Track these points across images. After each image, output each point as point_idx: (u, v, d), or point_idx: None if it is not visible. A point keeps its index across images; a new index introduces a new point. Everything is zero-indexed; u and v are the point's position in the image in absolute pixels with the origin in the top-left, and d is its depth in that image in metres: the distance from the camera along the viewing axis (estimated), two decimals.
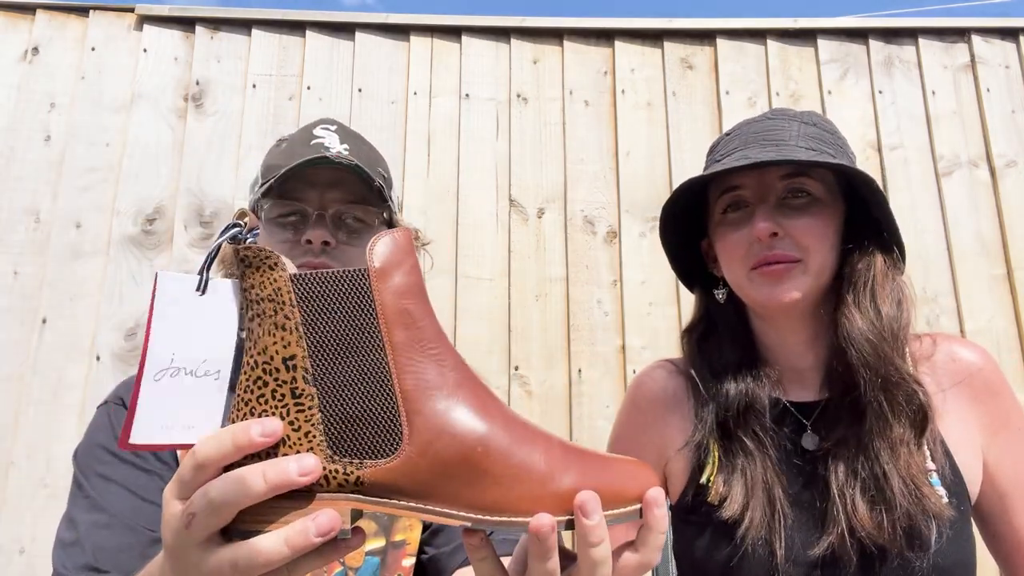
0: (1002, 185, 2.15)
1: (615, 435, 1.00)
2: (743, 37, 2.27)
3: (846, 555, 0.76)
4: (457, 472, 0.46)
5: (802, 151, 0.82)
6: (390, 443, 0.46)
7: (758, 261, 0.83)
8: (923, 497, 0.76)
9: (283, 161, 0.89)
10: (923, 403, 0.79)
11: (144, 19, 2.12)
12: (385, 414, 0.46)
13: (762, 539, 0.79)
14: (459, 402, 0.48)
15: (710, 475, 0.85)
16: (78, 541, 0.77)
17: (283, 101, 2.10)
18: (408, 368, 0.47)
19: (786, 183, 0.84)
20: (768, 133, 0.86)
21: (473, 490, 0.46)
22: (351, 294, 0.47)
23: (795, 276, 0.82)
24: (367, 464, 0.46)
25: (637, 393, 0.99)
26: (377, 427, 0.46)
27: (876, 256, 0.84)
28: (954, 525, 0.77)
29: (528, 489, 0.47)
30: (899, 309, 0.83)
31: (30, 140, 1.99)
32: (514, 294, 2.01)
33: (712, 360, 0.91)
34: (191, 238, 1.96)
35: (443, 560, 0.86)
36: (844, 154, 0.87)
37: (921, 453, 0.79)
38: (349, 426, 0.46)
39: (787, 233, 0.82)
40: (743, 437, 0.84)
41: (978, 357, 0.87)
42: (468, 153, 2.11)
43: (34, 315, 1.87)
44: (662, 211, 0.91)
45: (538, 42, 2.24)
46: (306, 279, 0.47)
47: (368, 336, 0.47)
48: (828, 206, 0.85)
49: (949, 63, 2.28)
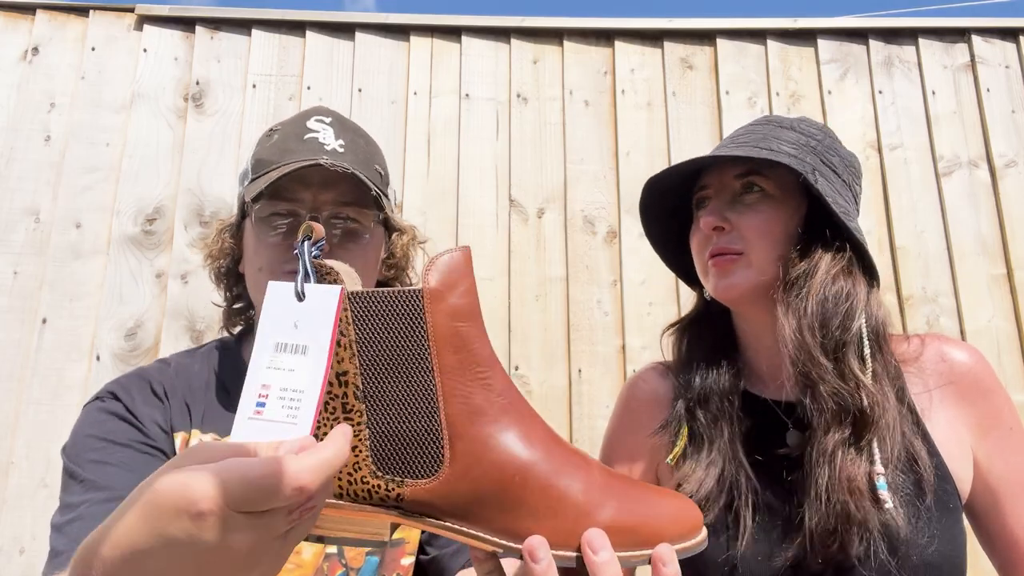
0: (1002, 185, 2.15)
1: (608, 436, 1.01)
2: (743, 37, 2.27)
3: (808, 556, 0.77)
4: (494, 498, 0.47)
5: (756, 151, 0.84)
6: (432, 464, 0.47)
7: (708, 254, 0.87)
8: (855, 503, 0.75)
9: (275, 157, 0.86)
10: (856, 405, 0.78)
11: (144, 19, 2.12)
12: (429, 436, 0.47)
13: (718, 525, 0.80)
14: (503, 429, 0.48)
15: (672, 457, 0.87)
16: (77, 518, 0.73)
17: (283, 101, 2.10)
18: (455, 392, 0.47)
19: (741, 181, 0.87)
20: (741, 136, 0.90)
21: (507, 517, 0.47)
22: (404, 315, 0.48)
23: (738, 268, 0.85)
24: (408, 483, 0.47)
25: (629, 395, 1.00)
26: (420, 448, 0.47)
27: (822, 257, 0.83)
28: (940, 523, 0.77)
29: (562, 523, 0.47)
30: (835, 307, 0.81)
31: (30, 140, 1.99)
32: (514, 294, 2.01)
33: (688, 352, 0.94)
34: (191, 238, 1.96)
35: (445, 561, 0.85)
36: (815, 155, 0.86)
37: (863, 455, 0.78)
38: (394, 445, 0.47)
39: (735, 227, 0.86)
40: (704, 421, 0.86)
41: (968, 357, 0.87)
42: (468, 153, 2.11)
43: (34, 315, 1.87)
44: (640, 210, 0.95)
45: (538, 42, 2.24)
46: (362, 297, 0.48)
47: (418, 358, 0.47)
48: (780, 203, 0.86)
49: (949, 63, 2.28)
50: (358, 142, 0.91)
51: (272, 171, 0.84)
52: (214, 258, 0.95)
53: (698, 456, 0.85)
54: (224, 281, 0.97)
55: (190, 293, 1.92)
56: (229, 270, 0.95)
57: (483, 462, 0.47)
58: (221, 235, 0.95)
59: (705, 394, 0.88)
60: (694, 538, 0.51)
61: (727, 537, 0.81)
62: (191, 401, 0.86)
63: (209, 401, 0.86)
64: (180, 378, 0.88)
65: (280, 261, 0.84)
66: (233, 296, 0.98)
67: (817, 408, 0.79)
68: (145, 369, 0.90)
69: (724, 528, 0.81)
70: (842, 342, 0.81)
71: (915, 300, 2.04)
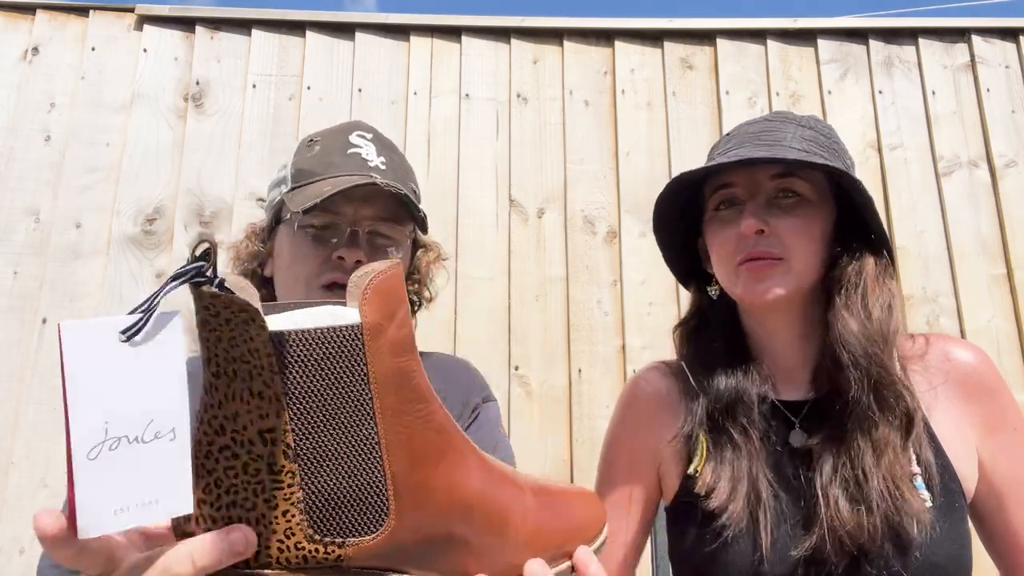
0: (1002, 185, 2.15)
1: (610, 436, 1.00)
2: (743, 37, 2.27)
3: (829, 553, 0.77)
4: (440, 543, 0.45)
5: (793, 151, 0.83)
6: (376, 519, 0.42)
7: (744, 257, 0.84)
8: (904, 500, 0.76)
9: (319, 169, 0.87)
10: (910, 406, 0.79)
11: (144, 19, 2.12)
12: (372, 490, 0.42)
13: (745, 532, 0.80)
14: (445, 471, 0.45)
15: (698, 465, 0.85)
16: None
17: (283, 101, 2.10)
18: (398, 437, 0.43)
19: (776, 183, 0.85)
20: (764, 134, 0.87)
21: (449, 559, 0.46)
22: (341, 356, 0.41)
23: (778, 274, 0.83)
24: (350, 542, 0.42)
25: (631, 394, 1.00)
26: (363, 504, 0.42)
27: (867, 259, 0.84)
28: (946, 522, 0.77)
29: (500, 558, 0.47)
30: (889, 313, 0.83)
31: (30, 140, 1.99)
32: (514, 294, 2.01)
33: (702, 354, 0.92)
34: (191, 238, 1.96)
35: None
36: (839, 158, 0.87)
37: (906, 456, 0.79)
38: (334, 504, 0.41)
39: (773, 231, 0.84)
40: (731, 430, 0.85)
41: (973, 356, 0.87)
42: (468, 153, 2.11)
43: (34, 315, 1.87)
44: (656, 205, 0.92)
45: (538, 42, 2.24)
46: (291, 339, 0.40)
47: (358, 404, 0.41)
48: (816, 207, 0.86)
49: (949, 63, 2.28)
50: (396, 160, 0.93)
51: (316, 182, 0.85)
52: (241, 260, 0.96)
53: (721, 467, 0.84)
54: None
55: (190, 293, 1.91)
56: (255, 272, 0.96)
57: (428, 509, 0.44)
58: (251, 239, 0.95)
59: (731, 402, 0.86)
60: (603, 534, 0.53)
61: (749, 543, 0.80)
62: None
63: None
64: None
65: (316, 274, 0.85)
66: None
67: (866, 405, 0.79)
68: None
69: (748, 534, 0.80)
70: (894, 344, 0.82)
71: (915, 300, 2.04)
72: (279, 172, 0.94)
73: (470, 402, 0.95)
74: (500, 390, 1.91)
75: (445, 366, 0.99)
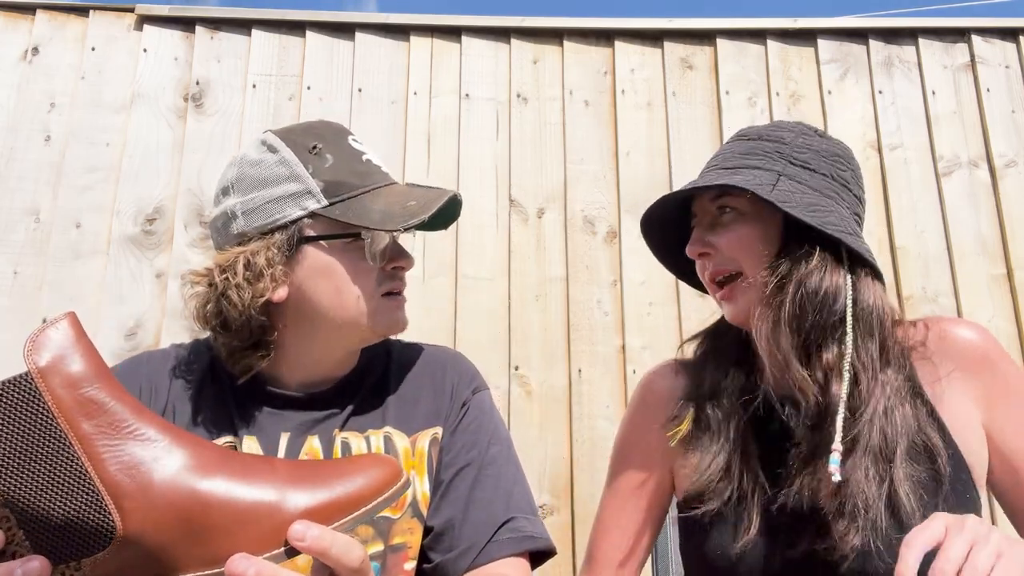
0: (1002, 185, 2.15)
1: (623, 435, 1.01)
2: (743, 37, 2.27)
3: (814, 552, 0.78)
4: (182, 536, 0.47)
5: (726, 173, 0.86)
6: (104, 534, 0.46)
7: (708, 279, 0.90)
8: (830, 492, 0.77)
9: (353, 179, 0.85)
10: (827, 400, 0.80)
11: (144, 19, 2.12)
12: (91, 508, 0.46)
13: (728, 518, 0.82)
14: (169, 468, 0.47)
15: (676, 435, 0.89)
16: None
17: (283, 101, 2.10)
18: (104, 455, 0.46)
19: (715, 203, 0.89)
20: (717, 159, 0.92)
21: (204, 548, 0.47)
22: (20, 402, 0.46)
23: (741, 292, 0.86)
24: (85, 562, 0.45)
25: (646, 391, 1.00)
26: (86, 524, 0.45)
27: (799, 257, 0.83)
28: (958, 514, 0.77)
29: (256, 529, 0.48)
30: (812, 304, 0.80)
31: (30, 140, 1.99)
32: (514, 294, 2.01)
33: (711, 351, 0.96)
34: (191, 238, 1.96)
35: (448, 565, 0.85)
36: (783, 159, 0.86)
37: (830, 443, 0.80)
38: (57, 533, 0.45)
39: (719, 249, 0.87)
40: (713, 414, 0.88)
41: (972, 332, 0.86)
42: (468, 153, 2.11)
43: (34, 315, 1.86)
44: (641, 227, 0.96)
45: (538, 42, 2.24)
46: None
47: (52, 439, 0.46)
48: (754, 218, 0.86)
49: (949, 63, 2.28)
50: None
51: (360, 195, 0.85)
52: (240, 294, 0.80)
53: (704, 446, 0.87)
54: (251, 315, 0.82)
55: None
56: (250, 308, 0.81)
57: (158, 507, 0.46)
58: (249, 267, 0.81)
59: (715, 390, 0.89)
60: (395, 485, 0.53)
61: (734, 528, 0.82)
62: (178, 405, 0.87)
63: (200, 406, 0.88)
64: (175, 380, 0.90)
65: (378, 284, 0.87)
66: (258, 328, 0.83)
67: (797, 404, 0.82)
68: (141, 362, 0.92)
69: (732, 518, 0.82)
70: (818, 336, 0.81)
71: (915, 300, 2.04)
72: (283, 185, 0.84)
73: (458, 398, 0.94)
74: (500, 390, 1.91)
75: (431, 361, 0.98)
